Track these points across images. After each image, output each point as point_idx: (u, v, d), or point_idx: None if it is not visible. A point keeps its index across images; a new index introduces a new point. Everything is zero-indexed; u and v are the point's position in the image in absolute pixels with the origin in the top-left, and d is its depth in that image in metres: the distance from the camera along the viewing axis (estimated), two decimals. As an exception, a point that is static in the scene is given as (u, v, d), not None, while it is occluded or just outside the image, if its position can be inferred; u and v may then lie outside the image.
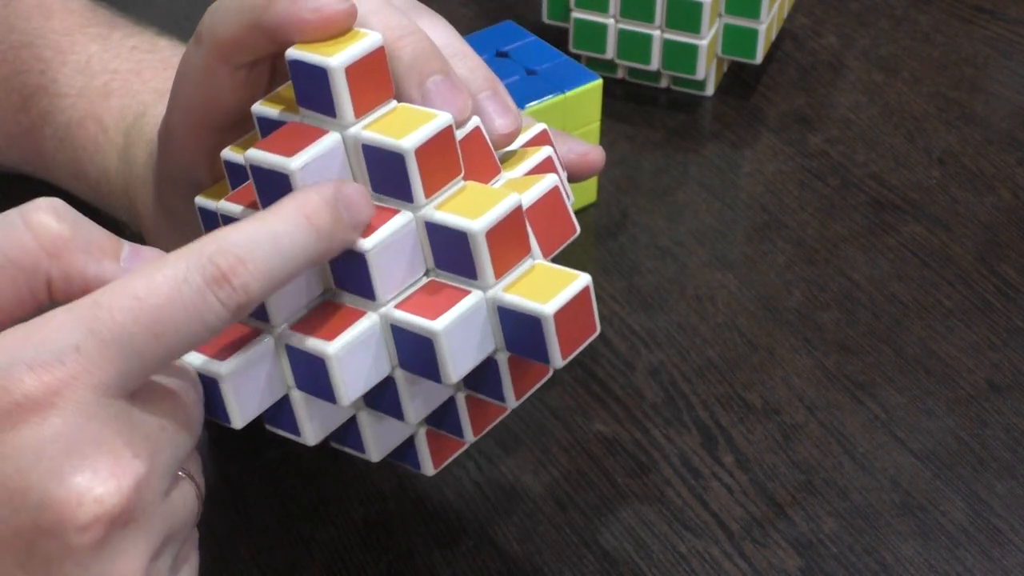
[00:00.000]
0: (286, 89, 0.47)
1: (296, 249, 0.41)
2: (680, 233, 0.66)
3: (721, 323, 0.61)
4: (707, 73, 0.73)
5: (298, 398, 0.45)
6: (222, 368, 0.43)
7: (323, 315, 0.44)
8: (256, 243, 0.40)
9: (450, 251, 0.44)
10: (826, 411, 0.57)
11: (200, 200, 0.49)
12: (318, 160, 0.44)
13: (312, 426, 0.45)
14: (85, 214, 0.43)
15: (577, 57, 0.74)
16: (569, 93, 0.63)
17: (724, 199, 0.68)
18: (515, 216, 0.44)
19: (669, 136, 0.72)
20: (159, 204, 0.54)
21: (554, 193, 0.46)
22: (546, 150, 0.49)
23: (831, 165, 0.70)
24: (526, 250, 0.45)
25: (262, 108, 0.46)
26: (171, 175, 0.52)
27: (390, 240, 0.44)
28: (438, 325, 0.43)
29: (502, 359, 0.45)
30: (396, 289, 0.44)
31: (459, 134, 0.45)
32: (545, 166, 0.48)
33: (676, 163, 0.70)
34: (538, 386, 0.46)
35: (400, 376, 0.45)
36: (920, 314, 0.62)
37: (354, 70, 0.44)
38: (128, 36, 0.61)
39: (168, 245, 0.54)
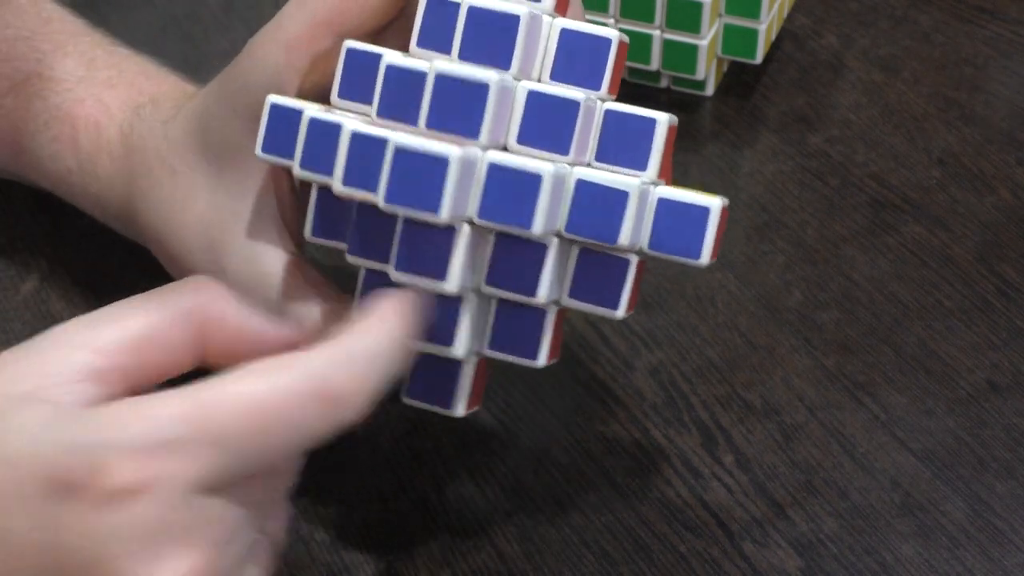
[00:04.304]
0: None
1: (395, 366, 0.42)
2: (680, 233, 0.66)
3: (721, 323, 0.61)
4: (707, 73, 0.73)
5: (465, 233, 0.46)
6: (453, 151, 0.44)
7: (518, 155, 0.46)
8: (367, 361, 0.41)
9: (623, 142, 0.47)
10: (826, 411, 0.57)
11: (274, 98, 0.50)
12: (536, 19, 0.47)
13: (459, 273, 0.46)
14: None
15: (577, 57, 0.74)
16: (569, 93, 0.63)
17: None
18: (673, 132, 0.48)
19: (669, 136, 0.72)
20: (189, 148, 0.54)
21: (672, 131, 0.48)
22: None
23: (831, 165, 0.70)
24: (669, 174, 0.48)
25: None
26: (247, 86, 0.51)
27: (590, 103, 0.47)
28: (634, 181, 0.46)
29: (633, 261, 0.47)
30: (578, 157, 0.47)
31: None
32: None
33: (676, 163, 0.70)
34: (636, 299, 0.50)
35: (555, 243, 0.47)
36: (920, 314, 0.62)
37: None
38: (131, 54, 0.61)
39: (173, 198, 0.54)
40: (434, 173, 0.44)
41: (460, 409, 0.49)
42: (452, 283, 0.46)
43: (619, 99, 0.64)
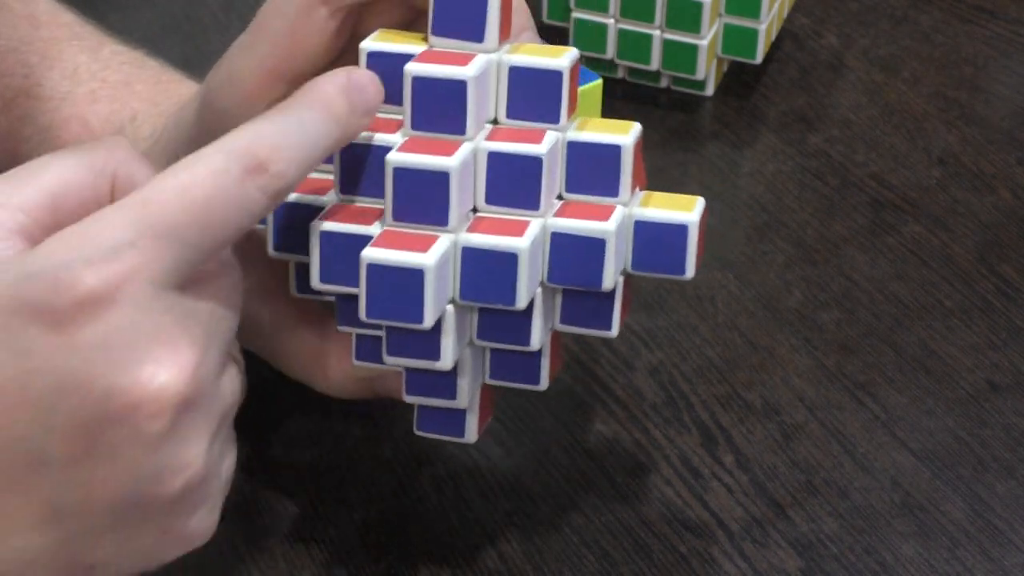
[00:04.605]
0: (388, 30, 0.48)
1: (321, 136, 0.43)
2: (680, 233, 0.66)
3: (721, 323, 0.61)
4: (707, 73, 0.73)
5: (451, 315, 0.45)
6: (427, 260, 0.43)
7: (490, 225, 0.45)
8: (286, 132, 0.42)
9: (591, 171, 0.46)
10: (826, 411, 0.57)
11: None
12: (483, 74, 0.46)
13: (452, 351, 0.46)
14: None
15: (577, 57, 0.74)
16: (569, 93, 0.63)
17: (724, 199, 0.68)
18: (639, 143, 0.47)
19: (669, 136, 0.72)
20: None
21: (640, 143, 0.48)
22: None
23: (831, 165, 0.70)
24: (642, 180, 0.48)
25: (373, 44, 0.47)
26: (213, 135, 0.51)
27: (552, 149, 0.46)
28: (610, 225, 0.45)
29: (619, 283, 0.47)
30: (550, 203, 0.46)
31: None
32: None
33: (676, 163, 0.70)
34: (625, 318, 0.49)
35: (538, 295, 0.46)
36: (920, 314, 0.62)
37: (503, 1, 0.47)
38: (118, 53, 0.61)
39: None
40: (410, 285, 0.43)
41: (472, 436, 0.49)
42: (446, 362, 0.46)
43: (618, 99, 0.64)
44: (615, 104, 0.73)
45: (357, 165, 0.46)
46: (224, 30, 0.77)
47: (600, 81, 0.63)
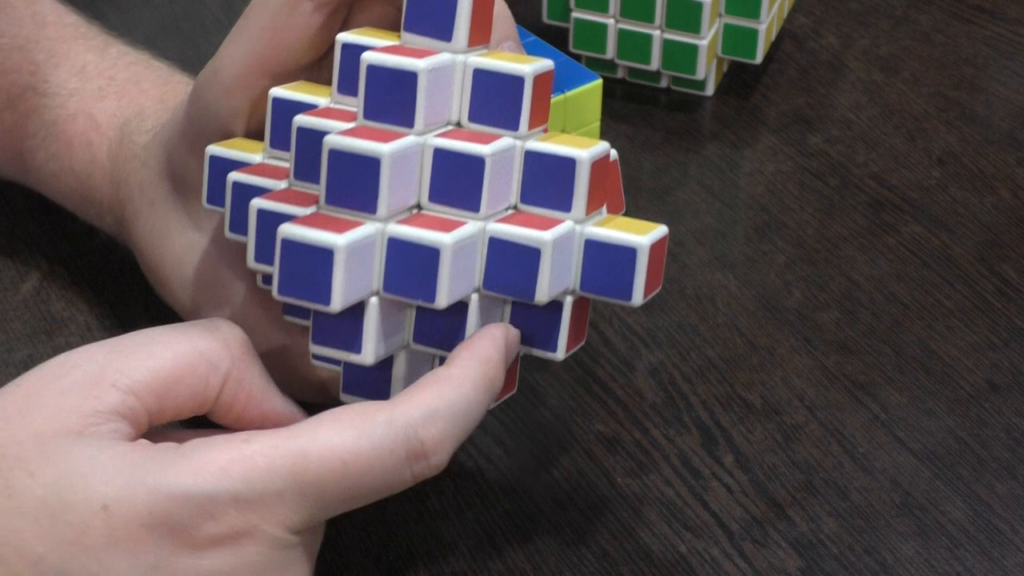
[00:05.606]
0: (373, 28, 0.48)
1: (480, 415, 0.44)
2: (680, 233, 0.66)
3: (721, 323, 0.61)
4: (707, 73, 0.73)
5: (374, 307, 0.45)
6: (339, 240, 0.43)
7: (426, 220, 0.45)
8: (455, 418, 0.43)
9: (545, 182, 0.46)
10: (826, 411, 0.57)
11: (214, 149, 0.49)
12: (440, 70, 0.45)
13: (374, 345, 0.45)
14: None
15: (577, 57, 0.74)
16: (569, 93, 0.63)
17: (724, 199, 0.68)
18: (604, 160, 0.46)
19: (669, 136, 0.72)
20: (163, 178, 0.54)
21: (613, 164, 0.47)
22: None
23: (831, 165, 0.70)
24: (603, 200, 0.47)
25: (349, 36, 0.47)
26: (199, 129, 0.51)
27: (502, 154, 0.45)
28: (547, 236, 0.44)
29: (568, 302, 0.46)
30: (494, 208, 0.45)
31: None
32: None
33: (676, 163, 0.70)
34: (576, 349, 0.48)
35: (474, 300, 0.46)
36: (920, 314, 0.62)
37: (476, 3, 0.46)
38: (125, 53, 0.61)
39: (152, 230, 0.54)
40: (320, 265, 0.43)
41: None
42: (367, 356, 0.45)
43: (618, 99, 0.64)
44: (615, 104, 0.73)
45: (311, 151, 0.46)
46: (224, 30, 0.77)
47: (600, 81, 0.63)
